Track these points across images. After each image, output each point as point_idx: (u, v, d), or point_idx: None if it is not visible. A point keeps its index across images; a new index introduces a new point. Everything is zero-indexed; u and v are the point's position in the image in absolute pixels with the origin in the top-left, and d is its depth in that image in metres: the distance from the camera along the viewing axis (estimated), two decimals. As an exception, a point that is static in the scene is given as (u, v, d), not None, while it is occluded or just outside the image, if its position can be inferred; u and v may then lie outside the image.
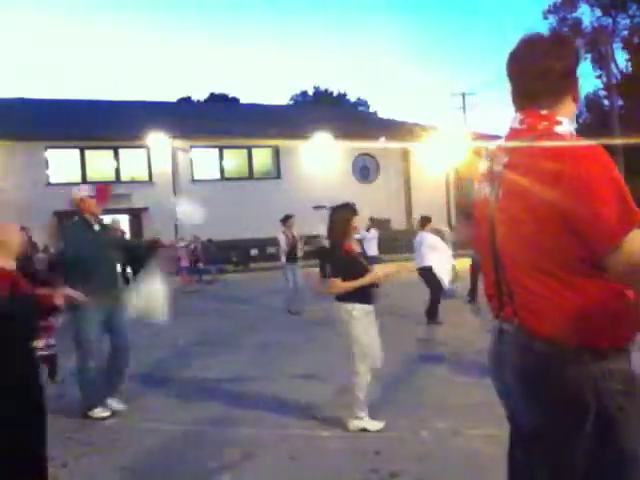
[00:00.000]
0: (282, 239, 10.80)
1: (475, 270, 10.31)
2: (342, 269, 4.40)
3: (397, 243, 24.98)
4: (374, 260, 12.40)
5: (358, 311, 4.36)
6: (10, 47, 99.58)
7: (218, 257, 20.60)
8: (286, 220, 11.00)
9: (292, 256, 10.77)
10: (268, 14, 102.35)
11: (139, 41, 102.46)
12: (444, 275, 8.80)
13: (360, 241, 10.33)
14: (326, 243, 5.00)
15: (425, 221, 9.38)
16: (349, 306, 4.37)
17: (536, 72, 1.80)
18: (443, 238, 9.60)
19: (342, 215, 4.54)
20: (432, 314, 8.81)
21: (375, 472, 3.69)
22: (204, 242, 19.68)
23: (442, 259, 8.88)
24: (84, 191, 5.17)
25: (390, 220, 27.18)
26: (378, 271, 4.56)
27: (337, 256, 4.47)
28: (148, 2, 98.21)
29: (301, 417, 4.79)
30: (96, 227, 5.13)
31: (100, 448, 4.30)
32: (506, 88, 1.94)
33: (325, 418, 4.74)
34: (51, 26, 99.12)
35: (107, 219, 23.33)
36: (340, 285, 4.35)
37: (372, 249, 12.65)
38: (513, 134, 1.88)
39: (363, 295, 4.40)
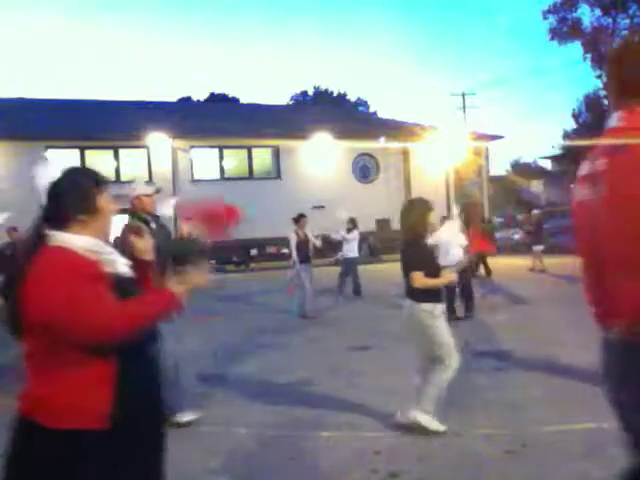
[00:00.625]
0: (293, 239, 10.35)
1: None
2: (425, 264, 4.24)
3: (397, 243, 24.98)
4: (354, 262, 12.28)
5: (438, 310, 4.24)
6: (10, 47, 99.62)
7: (215, 257, 20.53)
8: (298, 219, 10.58)
9: (305, 256, 10.36)
10: (268, 14, 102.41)
11: (139, 41, 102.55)
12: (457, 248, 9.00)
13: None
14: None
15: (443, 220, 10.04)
16: (429, 306, 4.21)
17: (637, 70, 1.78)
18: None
19: (421, 209, 4.40)
20: (452, 309, 8.91)
21: (375, 472, 3.69)
22: None
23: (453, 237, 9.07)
24: (140, 188, 5.07)
25: (390, 220, 27.19)
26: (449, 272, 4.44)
27: (420, 250, 4.31)
28: (148, 2, 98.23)
29: (301, 417, 4.79)
30: (153, 225, 5.01)
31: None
32: (506, 88, 1.94)
33: (325, 418, 4.74)
34: (51, 26, 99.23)
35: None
36: (424, 280, 4.17)
37: (353, 251, 12.47)
38: (614, 132, 1.85)
39: (439, 294, 4.30)
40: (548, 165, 48.23)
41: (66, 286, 1.85)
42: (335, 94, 55.89)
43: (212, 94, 51.75)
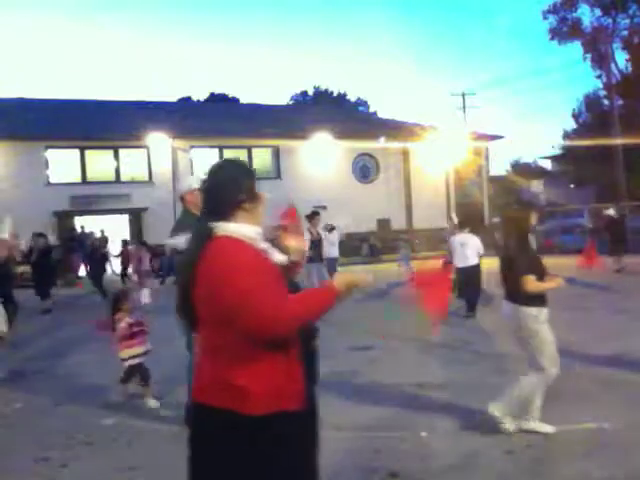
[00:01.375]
0: (306, 237, 9.98)
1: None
2: (534, 267, 4.14)
3: (397, 243, 24.94)
4: (335, 262, 12.10)
5: (544, 315, 4.16)
6: (10, 47, 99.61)
7: None
8: (312, 217, 10.29)
9: (317, 255, 10.09)
10: (268, 14, 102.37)
11: (139, 41, 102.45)
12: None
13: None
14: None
15: (466, 223, 10.03)
16: (535, 310, 4.10)
17: None
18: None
19: (525, 212, 4.31)
20: (473, 307, 9.29)
21: (375, 472, 3.69)
22: None
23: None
24: (195, 183, 4.89)
25: (390, 220, 27.20)
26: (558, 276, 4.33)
27: (527, 253, 4.21)
28: (148, 2, 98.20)
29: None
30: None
31: (100, 448, 4.30)
32: (506, 88, 1.93)
33: (325, 418, 4.73)
34: (51, 26, 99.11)
35: (108, 219, 23.10)
36: (537, 284, 4.08)
37: (334, 251, 11.97)
38: None
39: (545, 298, 4.21)
40: (548, 165, 48.24)
41: (242, 276, 1.87)
42: (335, 94, 55.85)
43: (212, 94, 51.71)
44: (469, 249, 9.32)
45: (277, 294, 1.91)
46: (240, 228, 2.01)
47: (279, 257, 2.12)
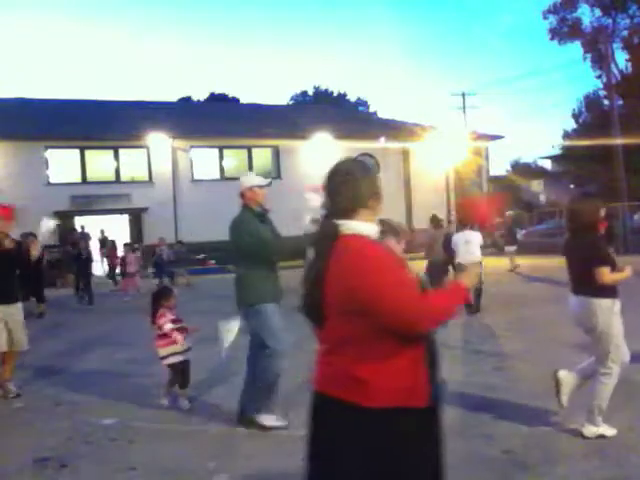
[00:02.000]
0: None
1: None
2: (608, 259, 4.09)
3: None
4: None
5: (617, 306, 4.11)
6: (10, 47, 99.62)
7: (215, 257, 20.46)
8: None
9: None
10: (268, 14, 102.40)
11: (139, 41, 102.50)
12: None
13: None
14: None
15: (467, 221, 10.32)
16: (609, 302, 4.05)
17: None
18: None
19: (595, 204, 4.25)
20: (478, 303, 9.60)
21: (375, 472, 3.68)
22: (173, 244, 19.06)
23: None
24: (254, 179, 4.92)
25: (390, 220, 27.18)
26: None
27: (601, 245, 4.16)
28: (148, 2, 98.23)
29: (301, 417, 4.78)
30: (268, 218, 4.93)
31: (100, 448, 4.30)
32: (506, 88, 1.93)
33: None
34: (51, 26, 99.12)
35: (108, 219, 22.97)
36: (612, 276, 4.03)
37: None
38: None
39: (617, 290, 4.16)
40: (548, 165, 48.23)
41: (378, 272, 1.91)
42: (335, 94, 55.85)
43: (212, 94, 51.71)
44: (473, 245, 9.55)
45: (416, 290, 1.98)
46: (364, 226, 2.05)
47: (400, 254, 2.19)
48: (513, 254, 17.29)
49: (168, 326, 5.08)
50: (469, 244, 9.55)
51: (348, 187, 2.07)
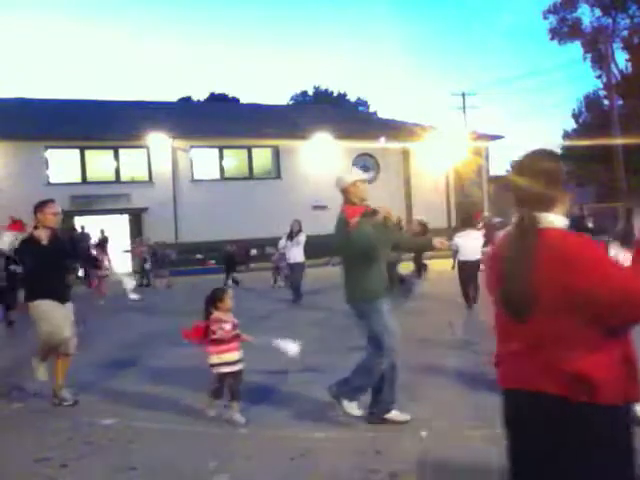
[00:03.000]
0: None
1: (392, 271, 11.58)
2: None
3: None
4: (301, 267, 12.01)
5: None
6: (10, 47, 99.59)
7: (215, 257, 20.41)
8: (374, 214, 10.45)
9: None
10: (268, 14, 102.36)
11: (139, 41, 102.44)
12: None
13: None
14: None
15: (467, 221, 10.89)
16: None
17: None
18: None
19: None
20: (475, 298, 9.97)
21: (375, 472, 3.69)
22: (152, 245, 18.89)
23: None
24: (356, 174, 4.85)
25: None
26: None
27: None
28: (148, 2, 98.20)
29: (301, 417, 4.79)
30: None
31: (100, 448, 4.30)
32: (506, 88, 1.94)
33: (325, 418, 4.74)
34: (51, 26, 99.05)
35: (108, 219, 23.03)
36: None
37: (298, 256, 12.08)
38: None
39: None
40: (548, 165, 48.13)
41: (601, 267, 1.91)
42: (335, 94, 55.84)
43: (212, 94, 51.71)
44: (478, 244, 10.07)
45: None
46: (559, 219, 2.05)
47: None
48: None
49: (225, 332, 4.69)
50: (465, 244, 9.98)
51: (549, 179, 2.07)
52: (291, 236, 12.11)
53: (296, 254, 12.00)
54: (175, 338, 8.64)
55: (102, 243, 18.73)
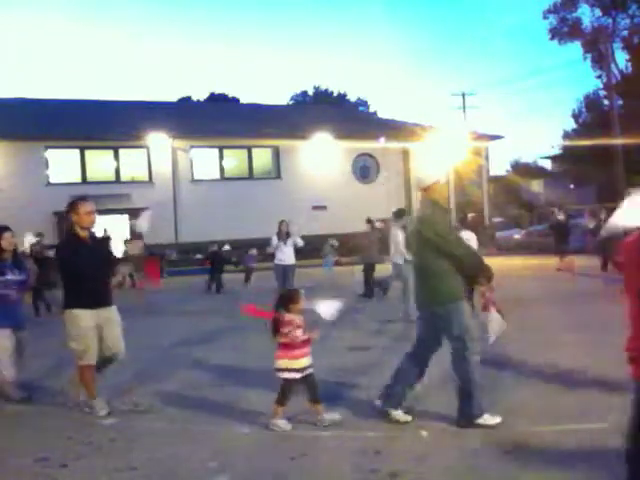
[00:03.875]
0: (400, 235, 9.92)
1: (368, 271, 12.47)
2: None
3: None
4: (294, 269, 11.68)
5: None
6: (10, 47, 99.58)
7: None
8: (400, 215, 10.44)
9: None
10: (268, 14, 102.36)
11: (139, 41, 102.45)
12: None
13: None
14: None
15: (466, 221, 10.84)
16: None
17: None
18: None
19: None
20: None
21: (375, 472, 3.68)
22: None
23: None
24: (439, 174, 4.65)
25: (390, 220, 27.21)
26: None
27: None
28: (148, 2, 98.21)
29: (301, 417, 4.78)
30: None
31: (100, 448, 4.30)
32: (506, 88, 1.94)
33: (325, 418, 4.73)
34: (51, 26, 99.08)
35: (108, 219, 23.14)
36: None
37: (293, 257, 11.67)
38: None
39: None
40: (548, 165, 48.24)
41: None
42: (335, 94, 55.85)
43: (212, 94, 51.73)
44: (473, 245, 9.74)
45: None
46: None
47: None
48: None
49: (299, 336, 4.46)
50: (469, 242, 9.76)
51: None
52: (280, 236, 11.60)
53: (290, 255, 11.62)
54: (174, 337, 8.67)
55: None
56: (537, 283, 13.86)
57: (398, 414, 4.48)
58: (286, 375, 4.48)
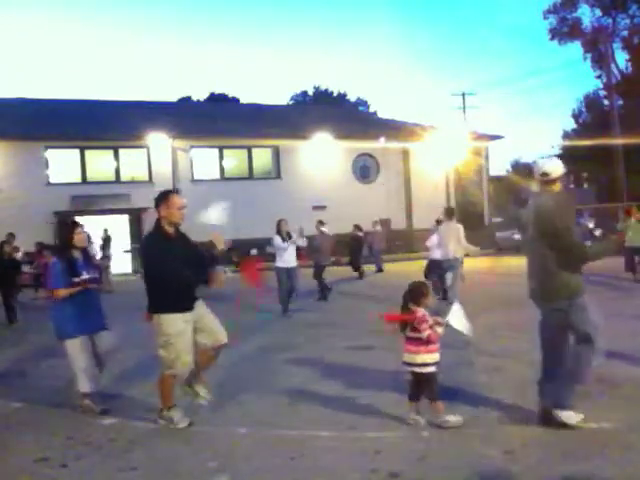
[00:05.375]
0: (462, 231, 10.45)
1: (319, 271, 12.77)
2: None
3: (397, 243, 24.95)
4: (295, 271, 11.05)
5: None
6: (10, 47, 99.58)
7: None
8: (451, 214, 10.85)
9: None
10: (268, 14, 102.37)
11: (139, 41, 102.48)
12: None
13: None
14: None
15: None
16: None
17: None
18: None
19: None
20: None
21: (375, 472, 3.69)
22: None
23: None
24: (561, 165, 4.46)
25: (390, 220, 27.18)
26: None
27: None
28: (148, 2, 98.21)
29: (301, 417, 4.78)
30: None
31: (100, 448, 4.30)
32: (506, 88, 1.93)
33: (325, 418, 4.74)
34: (51, 26, 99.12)
35: (108, 219, 23.07)
36: None
37: (294, 259, 10.78)
38: None
39: None
40: (548, 165, 48.14)
41: None
42: (335, 94, 55.85)
43: (212, 94, 51.72)
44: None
45: None
46: None
47: None
48: None
49: (430, 331, 4.32)
50: (441, 242, 10.66)
51: None
52: (282, 236, 10.62)
53: (294, 257, 10.85)
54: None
55: (106, 242, 18.65)
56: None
57: (567, 415, 4.21)
58: (420, 369, 4.35)
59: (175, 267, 4.47)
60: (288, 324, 9.73)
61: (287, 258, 10.56)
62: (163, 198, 4.67)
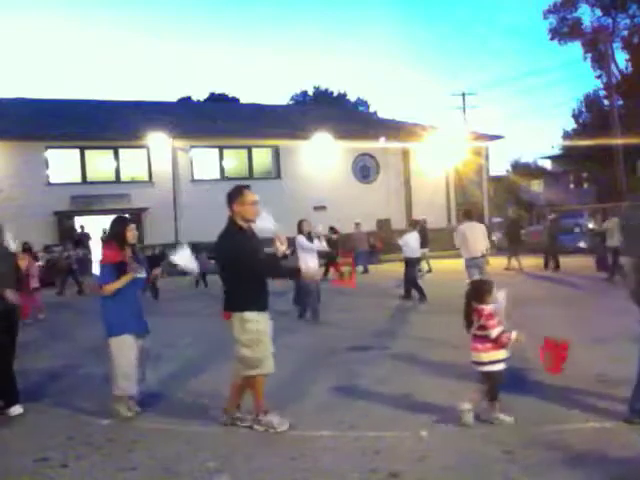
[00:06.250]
0: (484, 230, 10.86)
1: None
2: None
3: (396, 243, 24.80)
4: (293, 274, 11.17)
5: None
6: (10, 47, 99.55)
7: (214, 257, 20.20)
8: (470, 215, 11.14)
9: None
10: (268, 14, 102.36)
11: (139, 41, 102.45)
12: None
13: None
14: None
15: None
16: None
17: None
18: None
19: None
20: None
21: (375, 472, 3.69)
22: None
23: None
24: None
25: (390, 220, 27.18)
26: None
27: None
28: (148, 2, 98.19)
29: (302, 417, 4.78)
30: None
31: (100, 448, 4.30)
32: (506, 88, 1.93)
33: (325, 418, 4.74)
34: (51, 26, 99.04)
35: (107, 220, 22.97)
36: None
37: (315, 263, 9.87)
38: None
39: None
40: (548, 165, 48.24)
41: None
42: (335, 94, 55.84)
43: (212, 94, 51.70)
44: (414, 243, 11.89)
45: None
46: None
47: None
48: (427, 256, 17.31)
49: (499, 330, 4.32)
50: (408, 243, 11.87)
51: None
52: (309, 237, 9.80)
53: (317, 261, 10.00)
54: (173, 338, 8.66)
55: (26, 250, 18.44)
56: (534, 283, 13.89)
57: None
58: (490, 368, 4.33)
59: (262, 261, 4.38)
60: (286, 324, 9.71)
61: (311, 262, 9.48)
62: (237, 194, 4.52)
